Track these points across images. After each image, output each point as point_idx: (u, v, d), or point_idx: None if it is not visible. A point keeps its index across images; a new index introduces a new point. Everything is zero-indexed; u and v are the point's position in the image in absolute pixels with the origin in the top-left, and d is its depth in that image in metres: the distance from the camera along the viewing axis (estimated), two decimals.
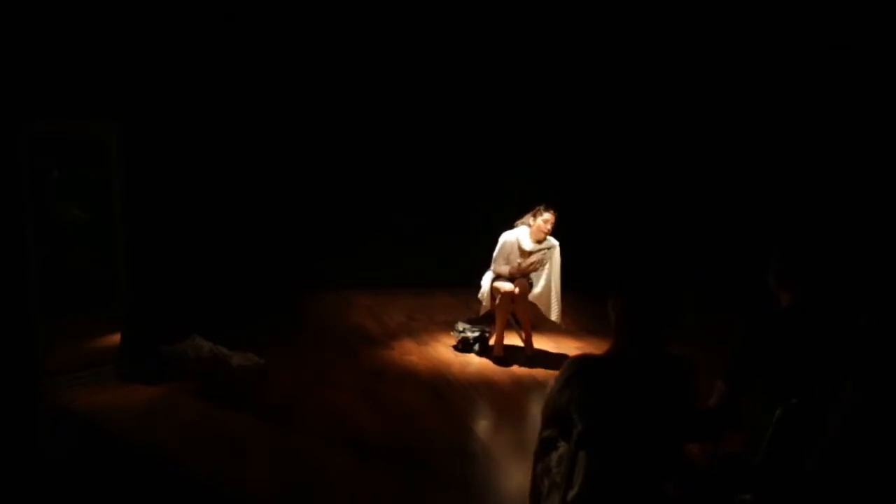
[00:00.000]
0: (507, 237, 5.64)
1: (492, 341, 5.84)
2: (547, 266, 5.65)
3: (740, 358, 2.78)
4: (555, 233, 5.64)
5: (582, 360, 2.55)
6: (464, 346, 5.94)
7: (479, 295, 5.89)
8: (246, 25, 7.11)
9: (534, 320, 5.85)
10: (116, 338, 5.47)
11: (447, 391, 5.08)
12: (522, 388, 5.16)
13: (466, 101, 8.25)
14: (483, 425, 4.67)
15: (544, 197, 5.77)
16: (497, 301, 5.65)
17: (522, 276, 5.58)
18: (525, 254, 5.62)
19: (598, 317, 6.66)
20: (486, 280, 5.81)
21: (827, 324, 2.76)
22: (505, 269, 5.59)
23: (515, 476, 3.73)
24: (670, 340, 2.47)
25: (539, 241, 5.61)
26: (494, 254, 5.66)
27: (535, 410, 4.64)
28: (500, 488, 3.79)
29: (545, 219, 5.53)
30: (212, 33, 6.72)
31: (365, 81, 7.98)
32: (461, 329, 6.05)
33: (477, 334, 5.95)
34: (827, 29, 6.72)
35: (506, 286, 5.55)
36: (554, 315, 5.76)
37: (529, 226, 5.61)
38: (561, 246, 5.69)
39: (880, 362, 2.52)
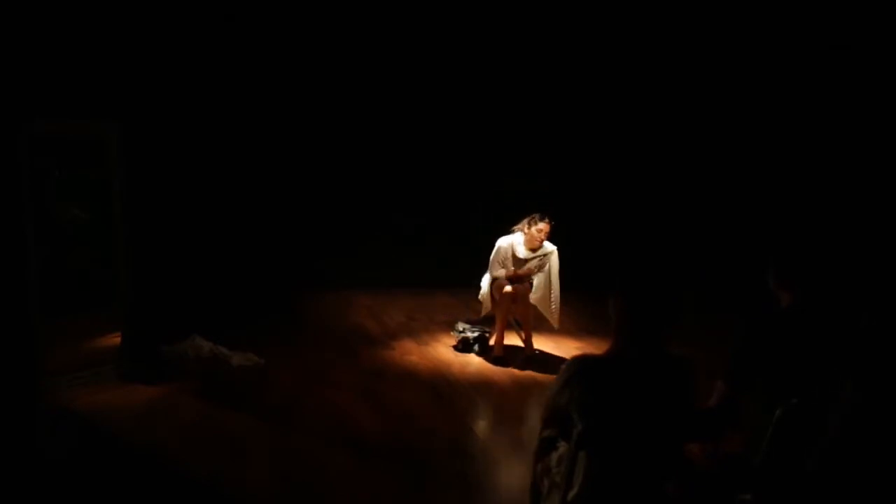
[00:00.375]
0: (502, 243, 5.64)
1: (492, 341, 5.84)
2: (545, 270, 5.64)
3: (740, 358, 2.78)
4: (554, 234, 5.63)
5: (582, 360, 2.55)
6: (464, 346, 5.94)
7: (480, 296, 5.90)
8: (246, 25, 7.11)
9: (534, 321, 5.85)
10: (116, 338, 5.48)
11: (447, 391, 5.08)
12: (522, 388, 5.16)
13: (466, 102, 8.24)
14: (483, 425, 4.67)
15: (544, 198, 5.77)
16: (497, 301, 5.65)
17: (518, 282, 5.58)
18: (519, 261, 5.62)
19: (598, 317, 6.65)
20: (486, 282, 5.82)
21: (827, 324, 2.76)
22: (501, 273, 5.60)
23: (515, 476, 3.73)
24: (670, 340, 2.47)
25: (533, 249, 5.60)
26: (490, 258, 5.66)
27: (535, 410, 4.65)
28: (500, 488, 3.79)
29: (539, 228, 5.51)
30: (211, 33, 6.72)
31: (365, 82, 7.98)
32: (461, 329, 6.05)
33: (477, 334, 5.95)
34: (827, 29, 6.73)
35: (506, 287, 5.55)
36: (552, 319, 5.75)
37: (525, 233, 5.59)
38: (561, 246, 5.68)
39: (880, 362, 2.52)
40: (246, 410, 4.60)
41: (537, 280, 5.65)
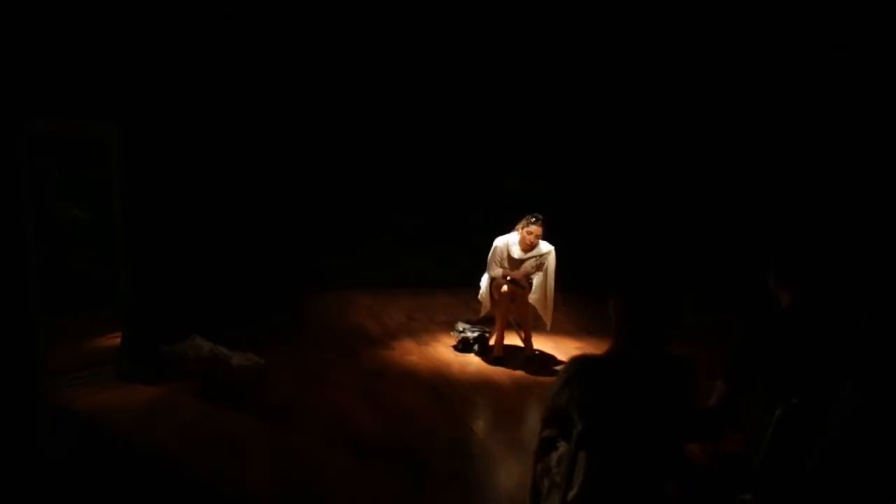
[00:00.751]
0: (498, 242, 5.64)
1: (492, 341, 5.84)
2: (543, 269, 5.62)
3: (740, 358, 2.78)
4: (554, 234, 5.62)
5: (582, 360, 2.55)
6: (464, 346, 5.94)
7: (479, 296, 5.90)
8: (246, 25, 7.11)
9: (533, 321, 5.85)
10: (116, 338, 5.49)
11: (447, 391, 5.08)
12: (522, 388, 5.16)
13: (466, 102, 8.24)
14: (483, 425, 4.67)
15: (544, 197, 5.76)
16: (496, 301, 5.65)
17: (515, 284, 5.57)
18: (515, 261, 5.61)
19: (598, 317, 6.64)
20: (485, 282, 5.82)
21: (827, 324, 2.76)
22: (498, 272, 5.60)
23: (515, 476, 3.73)
24: (670, 340, 2.47)
25: (526, 250, 5.58)
26: (488, 258, 5.67)
27: (535, 410, 4.65)
28: (500, 488, 3.79)
29: (529, 230, 5.50)
30: (212, 33, 6.72)
31: (365, 81, 7.99)
32: (461, 329, 6.05)
33: (477, 334, 5.95)
34: (827, 29, 6.72)
35: (503, 287, 5.55)
36: (546, 318, 5.75)
37: (518, 232, 5.58)
38: (561, 246, 5.67)
39: (880, 362, 2.52)
40: (246, 410, 4.60)
41: (537, 280, 5.64)
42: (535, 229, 5.48)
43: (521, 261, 5.61)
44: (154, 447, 4.06)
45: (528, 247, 5.54)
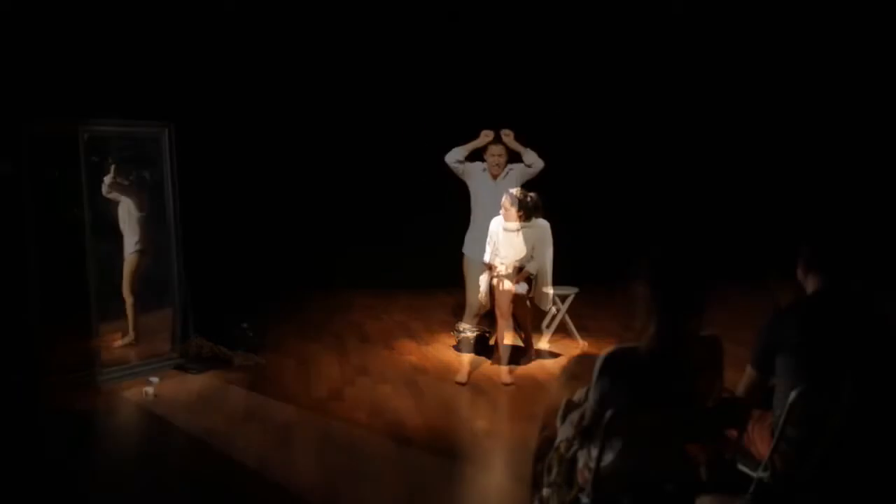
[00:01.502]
0: (492, 224, 5.65)
1: (492, 341, 5.84)
2: (538, 249, 5.60)
3: (767, 344, 2.70)
4: (555, 235, 5.63)
5: (583, 359, 2.54)
6: (464, 346, 5.93)
7: (479, 294, 5.89)
8: (242, 25, 7.13)
9: (534, 321, 5.84)
10: (116, 338, 5.49)
11: (447, 391, 5.08)
12: (522, 388, 5.15)
13: (467, 101, 8.24)
14: (483, 425, 4.67)
15: (542, 196, 5.76)
16: (496, 300, 5.64)
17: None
18: (509, 234, 5.57)
19: (596, 317, 6.67)
20: (484, 279, 5.81)
21: (851, 312, 2.68)
22: (494, 261, 5.58)
23: (515, 476, 3.72)
24: (697, 330, 2.39)
25: (511, 220, 5.56)
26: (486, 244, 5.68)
27: (535, 410, 4.63)
28: (501, 488, 3.78)
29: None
30: (212, 34, 6.74)
31: (366, 82, 8.00)
32: (461, 329, 6.04)
33: (477, 334, 5.94)
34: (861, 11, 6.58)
35: (493, 279, 5.54)
36: (540, 300, 5.71)
37: (505, 209, 5.57)
38: (561, 247, 5.65)
39: (880, 361, 2.52)
40: (243, 410, 4.60)
41: (539, 276, 5.61)
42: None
43: (514, 231, 5.56)
44: (153, 446, 4.06)
45: (511, 217, 5.52)
